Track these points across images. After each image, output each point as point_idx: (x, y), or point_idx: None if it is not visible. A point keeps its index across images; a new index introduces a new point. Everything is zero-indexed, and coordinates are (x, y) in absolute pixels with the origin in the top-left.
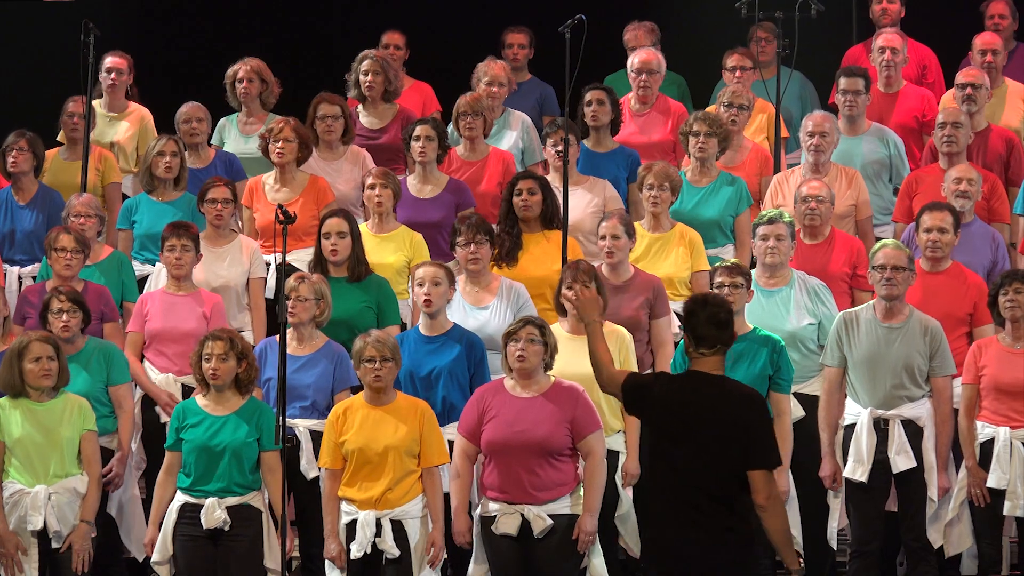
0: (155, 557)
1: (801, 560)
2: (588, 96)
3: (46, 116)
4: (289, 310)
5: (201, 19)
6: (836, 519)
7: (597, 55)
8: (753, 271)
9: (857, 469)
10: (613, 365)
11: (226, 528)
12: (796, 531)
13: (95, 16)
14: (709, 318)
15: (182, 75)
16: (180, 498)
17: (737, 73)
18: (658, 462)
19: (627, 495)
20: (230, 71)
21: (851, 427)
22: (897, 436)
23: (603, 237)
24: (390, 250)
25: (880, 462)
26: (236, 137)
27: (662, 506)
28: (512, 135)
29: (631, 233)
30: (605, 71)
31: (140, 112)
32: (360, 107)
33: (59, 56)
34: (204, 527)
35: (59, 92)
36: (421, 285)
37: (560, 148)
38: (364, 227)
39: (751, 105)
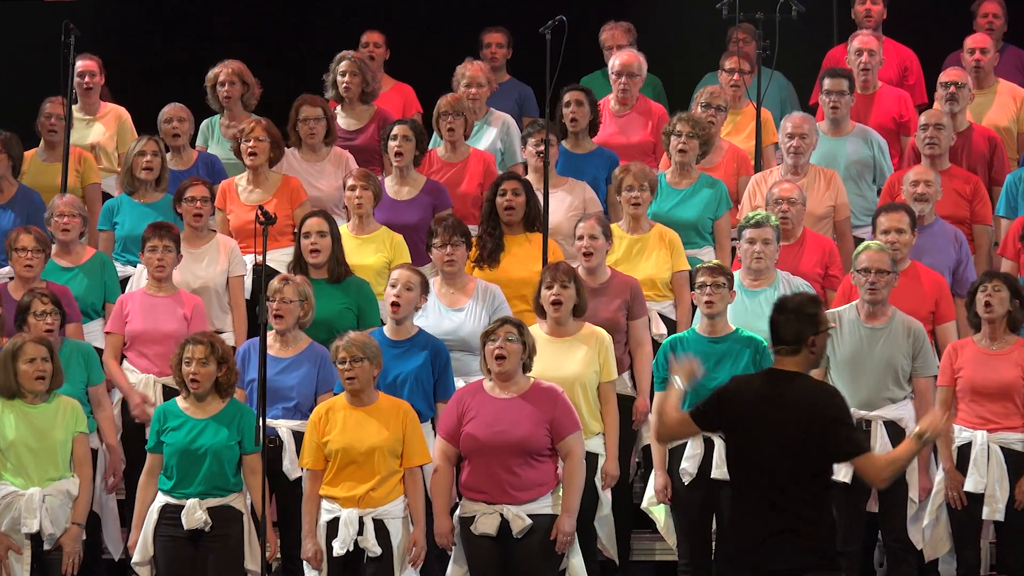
0: (136, 558)
1: None
2: (567, 97)
3: (26, 118)
4: (274, 313)
5: (183, 21)
6: None
7: (573, 55)
8: (736, 272)
9: (840, 469)
10: (671, 421)
11: (207, 529)
12: None
13: (76, 17)
14: (790, 319)
15: (164, 76)
16: (161, 499)
17: (735, 76)
18: (740, 462)
19: (607, 497)
20: (211, 74)
21: None
22: (880, 437)
23: (580, 238)
24: (370, 251)
25: None
26: (219, 140)
27: (748, 505)
28: (492, 135)
29: (608, 235)
30: (581, 72)
31: (116, 111)
32: (338, 108)
33: (39, 57)
34: (185, 528)
35: (40, 93)
36: (393, 287)
37: (541, 149)
38: (344, 228)
39: (729, 106)
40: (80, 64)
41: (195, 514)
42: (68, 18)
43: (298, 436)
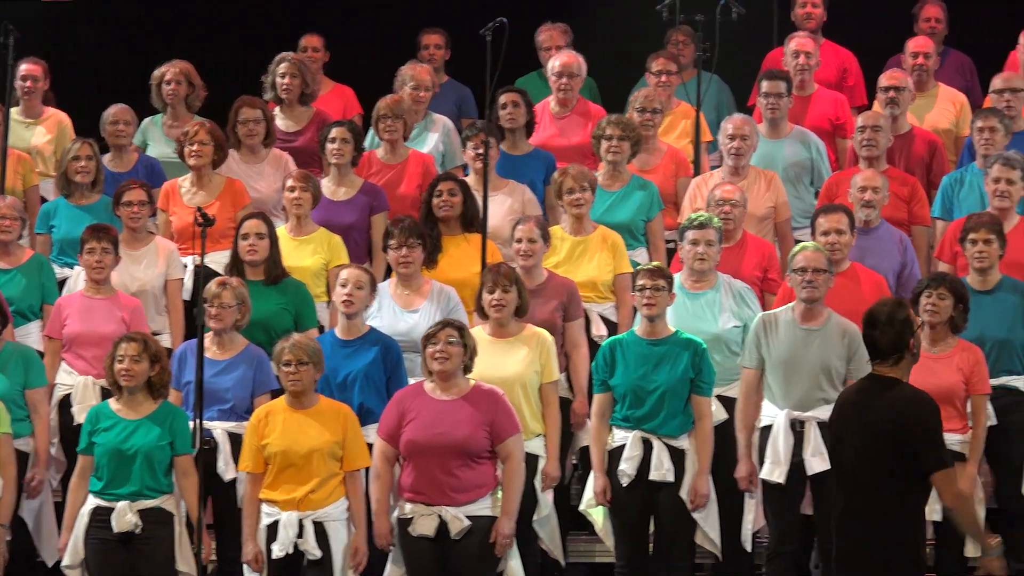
0: (66, 561)
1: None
2: (502, 99)
3: None
4: (213, 316)
5: (125, 22)
6: (751, 521)
7: (509, 57)
8: (676, 274)
9: (774, 471)
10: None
11: (137, 531)
12: (714, 533)
13: (15, 18)
14: (887, 331)
15: (105, 77)
16: (92, 501)
17: (663, 77)
18: (833, 464)
19: (546, 498)
20: (157, 72)
21: (767, 429)
22: (813, 438)
23: (519, 240)
24: (308, 252)
25: (796, 464)
26: (160, 139)
27: (838, 509)
28: (433, 138)
29: (546, 237)
30: (516, 73)
31: (57, 117)
32: (277, 109)
33: None
34: (115, 531)
35: None
36: (344, 286)
37: (481, 151)
38: (282, 230)
39: (664, 108)
40: (24, 68)
41: (125, 516)
42: (7, 20)
43: (233, 438)
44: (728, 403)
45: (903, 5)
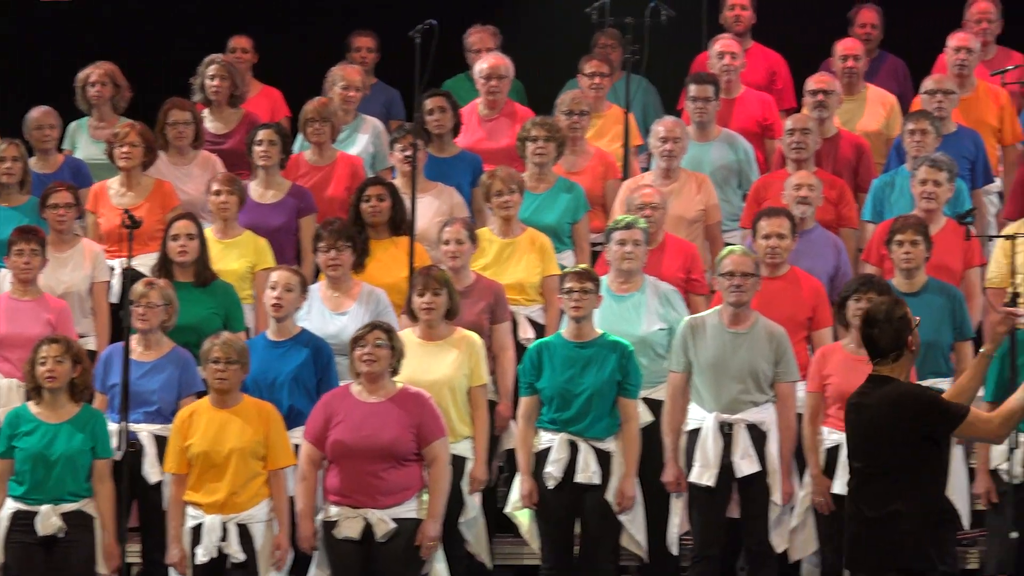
0: None
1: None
2: (429, 104)
3: None
4: (140, 316)
5: (49, 23)
6: (678, 524)
7: (436, 59)
8: (603, 277)
9: (704, 474)
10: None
11: (60, 535)
12: (640, 536)
13: None
14: (886, 329)
15: (27, 80)
16: (12, 505)
17: (595, 80)
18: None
19: (473, 501)
20: (81, 74)
21: (695, 432)
22: (742, 441)
23: (446, 242)
24: (234, 256)
25: (724, 467)
26: (87, 142)
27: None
28: (364, 139)
29: (474, 239)
30: (443, 75)
31: None
32: (206, 111)
33: None
34: (40, 534)
35: None
36: (274, 289)
37: (409, 153)
38: (209, 232)
39: (592, 110)
40: None
41: (50, 520)
42: None
43: (159, 440)
44: (654, 406)
45: (835, 8)
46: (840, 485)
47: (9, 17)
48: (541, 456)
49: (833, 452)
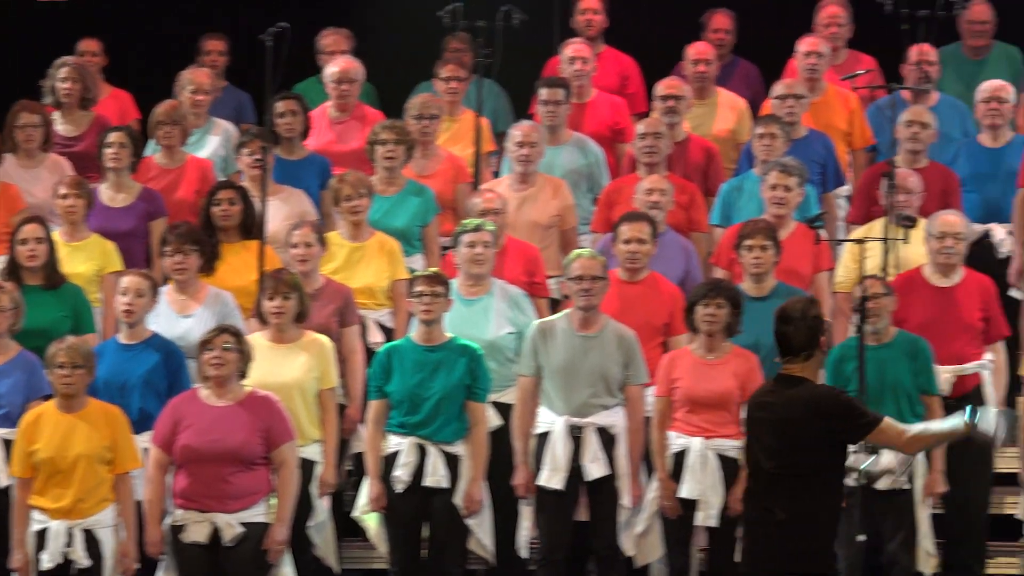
0: None
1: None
2: (279, 107)
3: None
4: None
5: None
6: (527, 528)
7: (288, 62)
8: (453, 280)
9: (552, 477)
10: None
11: None
12: (488, 540)
13: None
14: (800, 327)
15: None
16: None
17: (452, 84)
18: (749, 462)
19: (322, 505)
20: None
21: (544, 435)
22: (591, 444)
23: (294, 245)
24: (82, 259)
25: (573, 470)
26: None
27: (754, 506)
28: (214, 142)
29: (323, 242)
30: (297, 78)
31: None
32: (56, 114)
33: None
34: None
35: None
36: (124, 295)
37: (257, 157)
38: (56, 236)
39: (442, 114)
40: None
41: None
42: None
43: (8, 444)
44: (504, 409)
45: (688, 13)
46: (688, 489)
47: None
48: (390, 460)
49: (680, 457)
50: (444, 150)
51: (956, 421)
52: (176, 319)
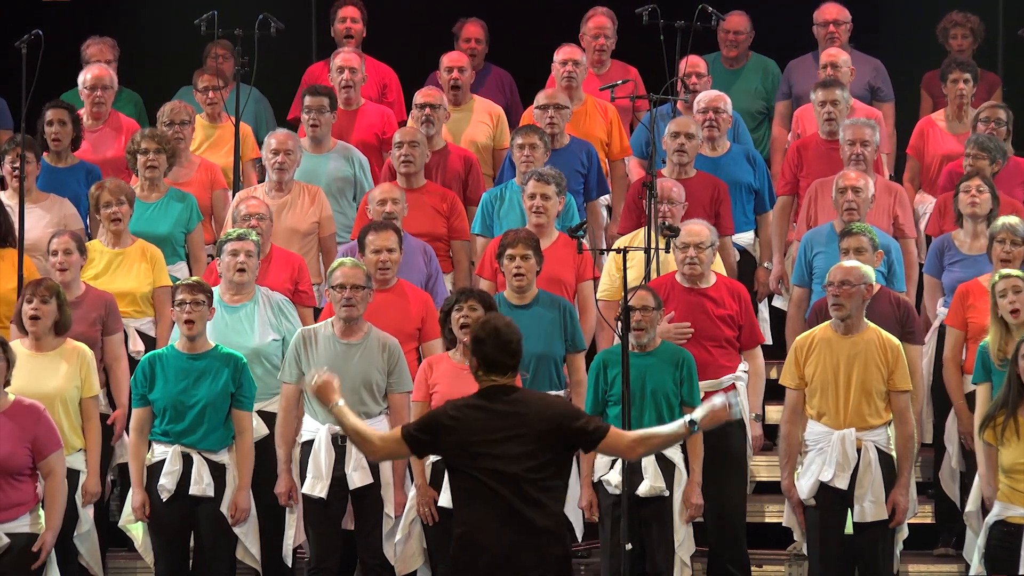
0: None
1: None
2: (49, 115)
3: None
4: None
5: None
6: (292, 536)
7: (56, 70)
8: (215, 288)
9: (316, 485)
10: (375, 439)
11: None
12: (255, 548)
13: None
14: (500, 346)
15: None
16: None
17: (210, 94)
18: (469, 474)
19: (86, 514)
20: None
21: (309, 443)
22: (354, 452)
23: (54, 253)
24: None
25: (338, 478)
26: None
27: (479, 513)
28: None
29: (83, 250)
30: (66, 86)
31: None
32: None
33: None
34: None
35: None
36: None
37: (17, 165)
38: None
39: (192, 119)
40: None
41: None
42: None
43: None
44: (268, 418)
45: (443, 22)
46: (447, 498)
47: None
48: (155, 468)
49: (439, 464)
50: (198, 157)
51: (678, 425)
52: None
